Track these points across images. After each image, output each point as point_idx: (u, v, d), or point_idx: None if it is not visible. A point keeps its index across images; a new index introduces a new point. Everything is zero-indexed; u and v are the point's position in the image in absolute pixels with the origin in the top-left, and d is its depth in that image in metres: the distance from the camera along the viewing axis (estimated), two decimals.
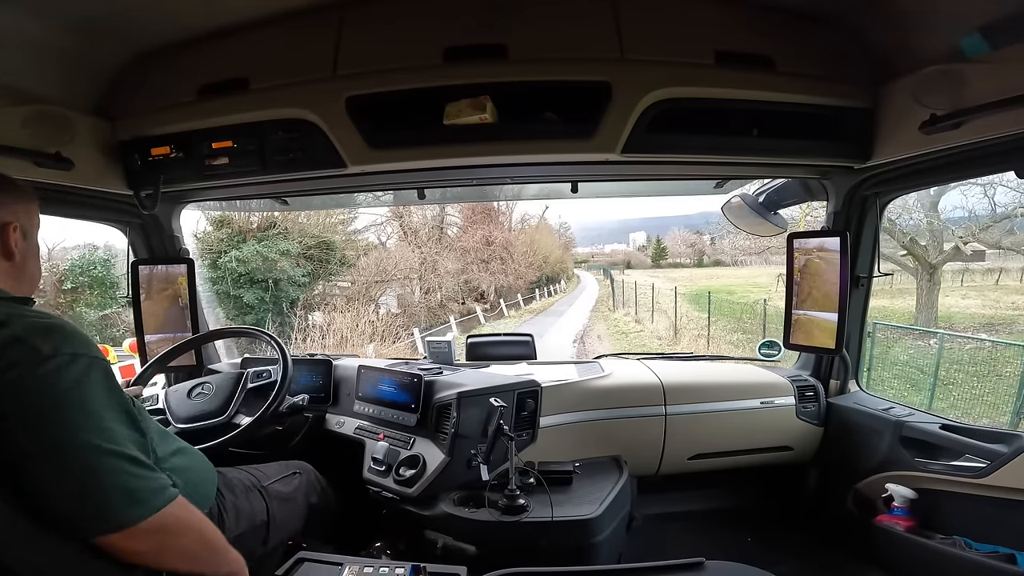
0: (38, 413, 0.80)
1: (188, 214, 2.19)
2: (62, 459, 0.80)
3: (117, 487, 0.82)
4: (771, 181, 2.13)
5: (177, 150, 1.61)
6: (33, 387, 0.81)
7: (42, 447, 0.80)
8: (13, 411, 0.79)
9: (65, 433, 0.81)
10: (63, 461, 0.80)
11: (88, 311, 10.77)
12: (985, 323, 12.56)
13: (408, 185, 1.91)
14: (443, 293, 18.77)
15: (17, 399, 0.80)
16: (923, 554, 1.64)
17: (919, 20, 1.31)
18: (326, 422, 2.04)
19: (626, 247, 59.52)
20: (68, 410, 0.82)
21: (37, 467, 0.79)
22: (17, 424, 0.79)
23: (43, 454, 0.79)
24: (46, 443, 0.80)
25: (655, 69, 1.41)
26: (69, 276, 10.86)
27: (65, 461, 0.80)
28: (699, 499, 2.27)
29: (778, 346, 2.20)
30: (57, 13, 1.29)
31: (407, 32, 1.45)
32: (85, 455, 0.81)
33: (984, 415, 6.60)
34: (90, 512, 0.81)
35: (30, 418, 0.80)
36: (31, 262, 1.03)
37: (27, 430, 0.80)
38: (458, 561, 1.28)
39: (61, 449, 0.80)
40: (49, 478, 0.79)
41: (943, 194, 10.69)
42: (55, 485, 0.80)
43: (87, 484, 0.81)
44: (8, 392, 0.79)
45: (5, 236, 0.96)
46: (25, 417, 0.80)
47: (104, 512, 0.81)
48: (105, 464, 0.82)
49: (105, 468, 0.82)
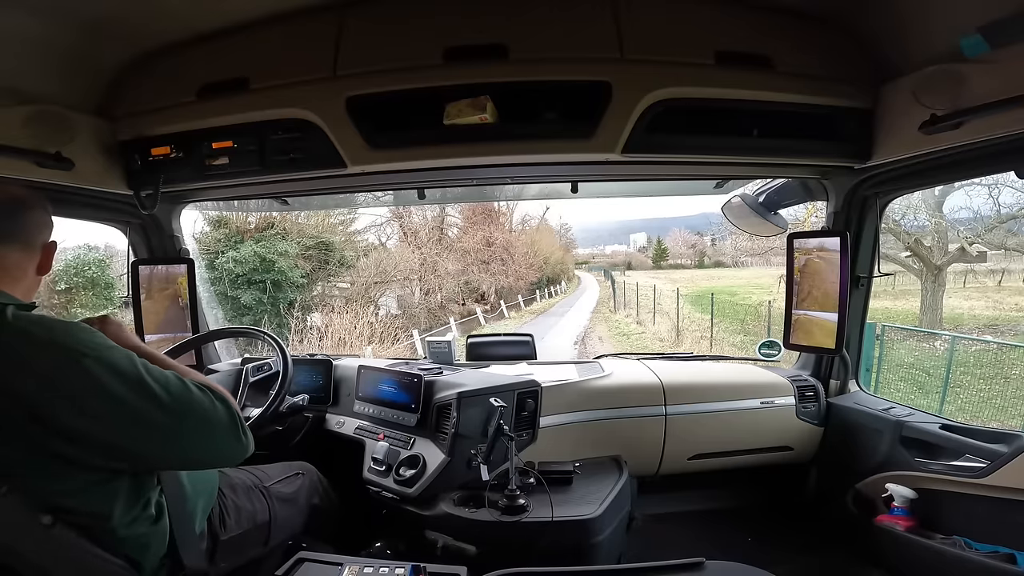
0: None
1: (186, 214, 2.20)
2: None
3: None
4: (771, 181, 2.13)
5: (177, 150, 1.61)
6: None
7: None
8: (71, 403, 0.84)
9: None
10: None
11: (83, 312, 10.75)
12: (989, 324, 12.54)
13: (408, 185, 1.91)
14: (443, 294, 18.76)
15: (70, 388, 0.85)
16: (923, 554, 1.63)
17: (919, 20, 1.31)
18: (326, 422, 2.04)
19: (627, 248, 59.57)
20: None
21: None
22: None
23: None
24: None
25: (655, 69, 1.41)
26: (63, 277, 10.85)
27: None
28: (699, 499, 2.27)
29: (778, 346, 2.20)
30: (57, 13, 1.29)
31: (407, 32, 1.45)
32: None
33: (993, 418, 6.54)
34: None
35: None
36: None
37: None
38: (458, 561, 1.28)
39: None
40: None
41: (948, 195, 10.68)
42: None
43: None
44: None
45: (50, 254, 1.03)
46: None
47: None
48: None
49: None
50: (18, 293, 0.96)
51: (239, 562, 1.23)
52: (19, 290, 0.97)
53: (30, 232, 1.00)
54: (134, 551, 0.96)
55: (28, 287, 1.01)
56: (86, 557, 0.88)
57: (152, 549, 0.99)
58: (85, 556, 0.88)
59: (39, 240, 1.01)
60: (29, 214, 1.00)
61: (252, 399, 1.79)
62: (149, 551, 0.99)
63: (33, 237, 1.00)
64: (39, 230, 1.02)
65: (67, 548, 0.86)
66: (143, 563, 0.97)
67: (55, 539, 0.85)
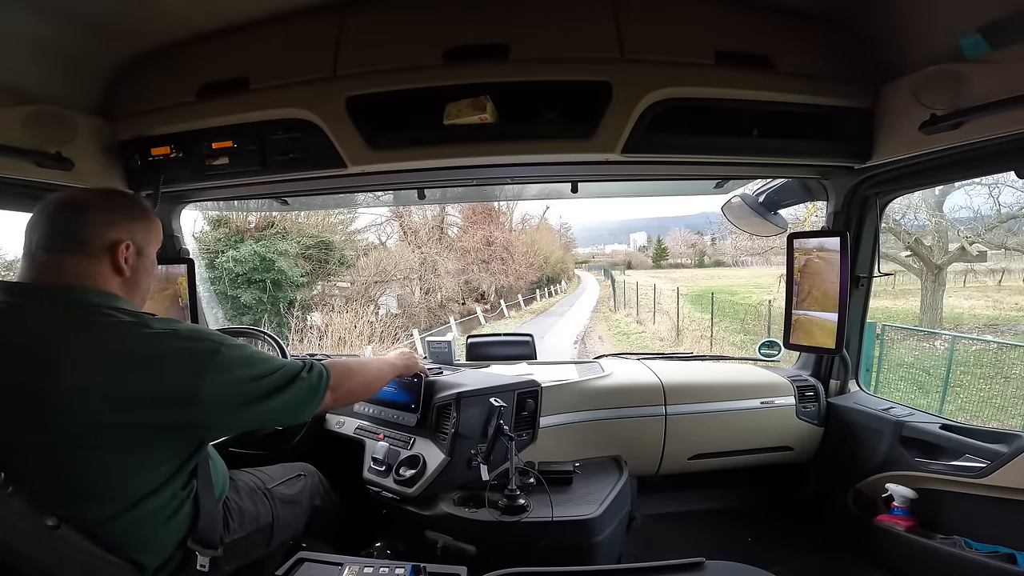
0: (238, 382, 1.00)
1: (186, 214, 2.19)
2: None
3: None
4: (771, 181, 2.13)
5: (177, 150, 1.61)
6: (228, 363, 1.00)
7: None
8: (225, 388, 0.98)
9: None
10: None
11: None
12: (989, 324, 12.53)
13: (408, 185, 1.90)
14: (443, 293, 18.76)
15: (222, 378, 0.97)
16: (923, 554, 1.63)
17: (919, 20, 1.31)
18: (326, 422, 2.04)
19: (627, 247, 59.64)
20: (258, 361, 1.06)
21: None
22: (227, 398, 0.99)
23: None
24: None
25: (655, 69, 1.41)
26: None
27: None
28: (699, 499, 2.27)
29: (778, 346, 2.20)
30: (57, 13, 1.29)
31: (407, 32, 1.45)
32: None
33: (993, 418, 6.54)
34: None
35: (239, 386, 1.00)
36: (144, 278, 1.11)
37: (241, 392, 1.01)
38: (458, 561, 1.28)
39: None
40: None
41: (948, 194, 10.68)
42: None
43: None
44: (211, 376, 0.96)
45: (115, 252, 1.02)
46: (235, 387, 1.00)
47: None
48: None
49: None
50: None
51: (241, 564, 1.24)
52: (114, 291, 1.02)
53: (83, 235, 1.00)
54: (140, 552, 0.96)
55: (119, 290, 1.03)
56: (89, 558, 0.88)
57: (159, 550, 0.99)
58: (88, 557, 0.88)
59: (100, 241, 1.01)
60: (80, 217, 1.00)
61: None
62: (156, 553, 0.99)
63: (89, 240, 1.00)
64: (95, 231, 1.01)
65: (71, 549, 0.86)
66: (148, 564, 0.97)
67: (59, 540, 0.85)
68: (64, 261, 0.98)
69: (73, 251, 0.99)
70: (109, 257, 1.02)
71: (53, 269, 0.97)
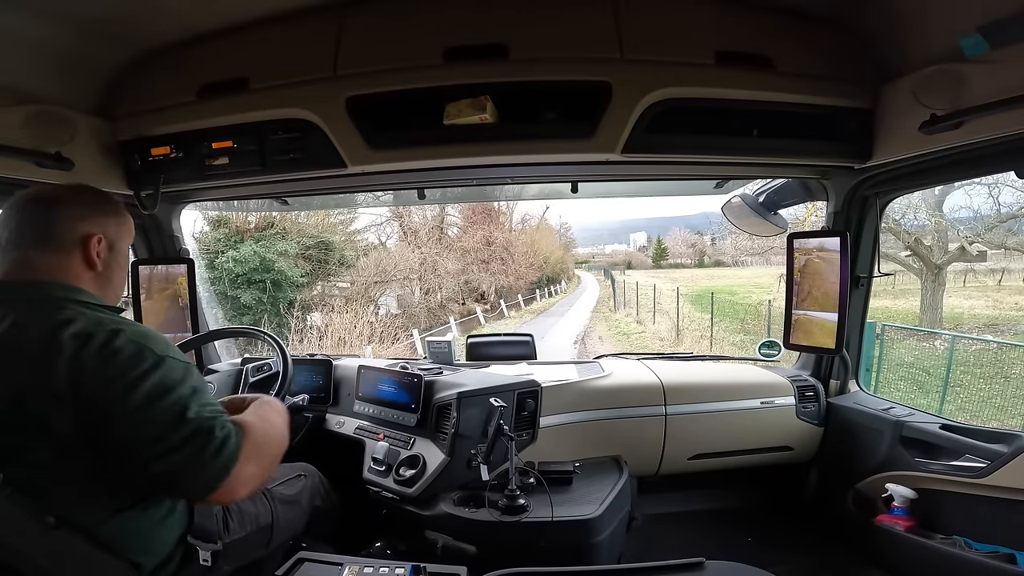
0: (151, 403, 0.87)
1: (186, 214, 2.20)
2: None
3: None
4: (771, 181, 2.13)
5: (177, 150, 1.61)
6: (151, 383, 0.88)
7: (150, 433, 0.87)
8: (128, 406, 0.86)
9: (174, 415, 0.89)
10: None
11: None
12: (989, 324, 12.53)
13: (408, 185, 1.91)
14: (443, 294, 18.76)
15: (137, 394, 0.87)
16: (923, 554, 1.63)
17: (919, 20, 1.31)
18: (326, 422, 2.04)
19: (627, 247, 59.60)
20: (177, 397, 0.90)
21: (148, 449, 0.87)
22: (129, 415, 0.86)
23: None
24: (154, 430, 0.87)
25: (655, 69, 1.41)
26: None
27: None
28: (699, 499, 2.27)
29: (778, 346, 2.20)
30: (57, 13, 1.29)
31: (407, 32, 1.45)
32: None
33: (993, 418, 6.53)
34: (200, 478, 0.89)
35: (147, 409, 0.87)
36: (117, 273, 1.08)
37: (143, 420, 0.87)
38: (458, 561, 1.28)
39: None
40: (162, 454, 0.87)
41: (947, 194, 10.67)
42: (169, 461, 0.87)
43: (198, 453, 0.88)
44: (129, 387, 0.87)
45: (87, 247, 1.00)
46: (142, 409, 0.87)
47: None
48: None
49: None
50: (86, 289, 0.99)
51: (241, 564, 1.24)
52: (83, 286, 0.99)
53: (54, 230, 0.98)
54: (138, 553, 0.96)
55: (91, 285, 1.01)
56: (88, 558, 0.88)
57: (156, 551, 0.99)
58: (87, 557, 0.88)
59: (71, 236, 0.99)
60: (51, 211, 0.99)
61: None
62: (153, 553, 0.99)
63: (59, 235, 0.98)
64: (70, 226, 0.99)
65: (70, 549, 0.86)
66: (145, 564, 0.97)
67: (58, 540, 0.85)
68: (35, 256, 0.96)
69: (44, 246, 0.97)
70: (80, 251, 1.00)
71: (24, 264, 0.96)
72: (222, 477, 0.90)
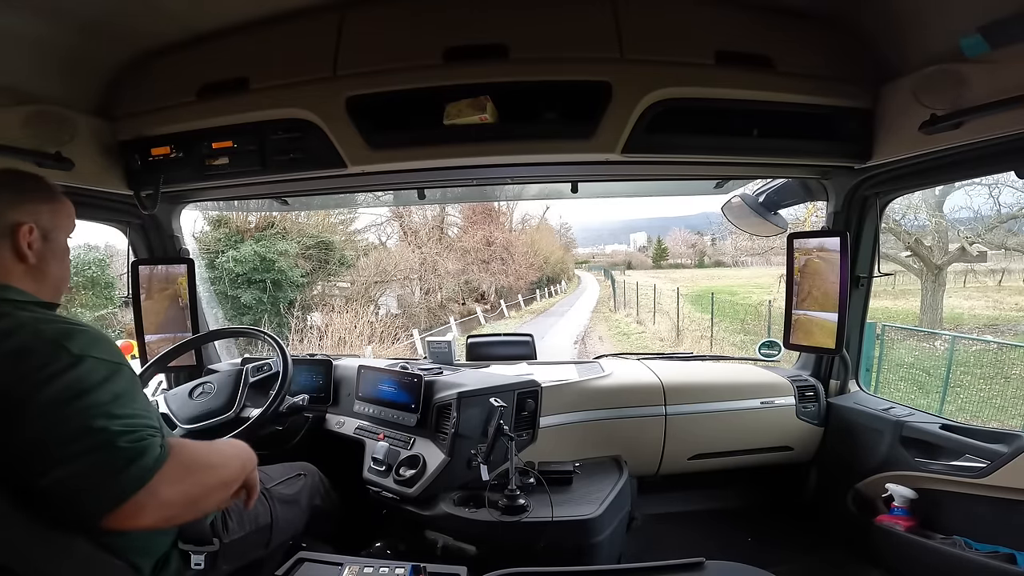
0: (57, 406, 0.79)
1: (186, 214, 2.20)
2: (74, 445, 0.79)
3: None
4: (771, 181, 2.13)
5: (177, 150, 1.61)
6: (60, 385, 0.80)
7: (59, 437, 0.79)
8: (40, 408, 0.79)
9: (83, 421, 0.80)
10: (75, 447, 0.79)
11: (84, 312, 10.76)
12: (989, 324, 12.53)
13: (408, 185, 1.91)
14: (443, 294, 18.76)
15: (43, 395, 0.79)
16: (923, 554, 1.63)
17: (919, 20, 1.31)
18: (326, 422, 2.04)
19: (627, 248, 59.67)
20: (89, 402, 0.81)
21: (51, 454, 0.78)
22: (38, 418, 0.79)
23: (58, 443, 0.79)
24: (64, 433, 0.79)
25: (655, 69, 1.41)
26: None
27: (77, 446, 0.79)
28: (699, 499, 2.27)
29: (778, 346, 2.20)
30: (57, 13, 1.29)
31: (407, 32, 1.45)
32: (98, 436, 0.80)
33: (993, 418, 6.53)
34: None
35: (51, 413, 0.79)
36: (53, 265, 0.99)
37: (48, 424, 0.79)
38: (458, 561, 1.28)
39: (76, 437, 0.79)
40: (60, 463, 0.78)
41: (948, 194, 10.67)
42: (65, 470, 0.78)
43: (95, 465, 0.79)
44: (34, 389, 0.79)
45: (16, 236, 0.93)
46: (47, 412, 0.79)
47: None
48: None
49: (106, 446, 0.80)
50: (16, 285, 0.91)
51: (240, 564, 1.24)
52: (12, 281, 0.92)
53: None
54: (136, 554, 0.96)
55: (18, 277, 0.93)
56: (88, 559, 0.88)
57: (154, 552, 0.99)
58: (88, 559, 0.88)
59: (2, 223, 0.92)
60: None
61: (252, 399, 1.80)
62: (151, 554, 0.99)
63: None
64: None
65: (69, 550, 0.86)
66: (143, 566, 0.97)
67: (58, 541, 0.85)
68: None
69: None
70: (9, 241, 0.93)
71: None
72: (127, 494, 0.78)
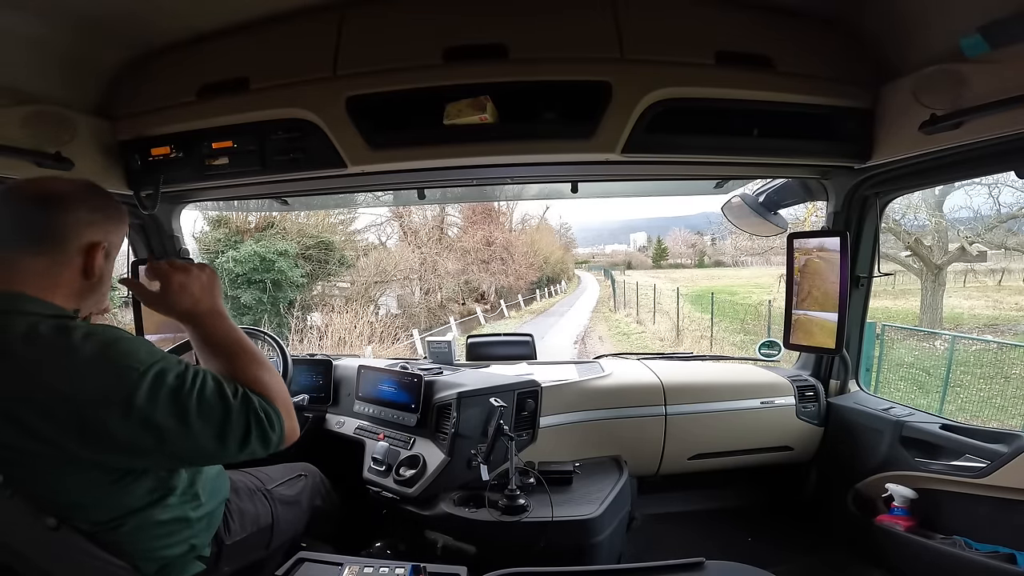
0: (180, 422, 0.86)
1: (186, 214, 2.20)
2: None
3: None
4: (771, 181, 2.13)
5: (177, 150, 1.61)
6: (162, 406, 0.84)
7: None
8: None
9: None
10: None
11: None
12: (989, 324, 12.53)
13: (408, 185, 1.90)
14: (443, 294, 18.76)
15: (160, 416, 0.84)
16: (923, 554, 1.63)
17: (919, 20, 1.31)
18: (326, 422, 2.04)
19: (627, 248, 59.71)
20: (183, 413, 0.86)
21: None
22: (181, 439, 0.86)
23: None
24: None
25: (655, 69, 1.41)
26: None
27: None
28: (699, 499, 2.27)
29: (778, 346, 2.20)
30: (57, 13, 1.29)
31: (407, 32, 1.45)
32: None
33: (993, 418, 6.53)
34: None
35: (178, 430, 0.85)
36: (105, 282, 0.99)
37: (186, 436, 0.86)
38: (458, 561, 1.28)
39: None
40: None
41: (947, 194, 10.67)
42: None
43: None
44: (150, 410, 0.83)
45: (92, 256, 0.93)
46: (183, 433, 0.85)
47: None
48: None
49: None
50: (58, 299, 0.89)
51: (241, 564, 1.23)
52: (59, 295, 0.90)
53: (60, 234, 0.90)
54: (137, 556, 0.96)
55: (71, 292, 0.92)
56: (90, 561, 0.88)
57: (157, 558, 0.99)
58: (89, 560, 0.88)
59: (77, 243, 0.91)
60: (60, 216, 0.90)
61: None
62: (155, 560, 0.99)
63: (65, 240, 0.90)
64: (75, 231, 0.91)
65: (71, 551, 0.86)
66: (144, 568, 0.97)
67: (59, 542, 0.85)
68: (27, 261, 0.88)
69: (42, 250, 0.89)
70: (81, 260, 0.92)
71: (6, 269, 0.87)
72: (283, 440, 0.99)
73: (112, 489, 0.89)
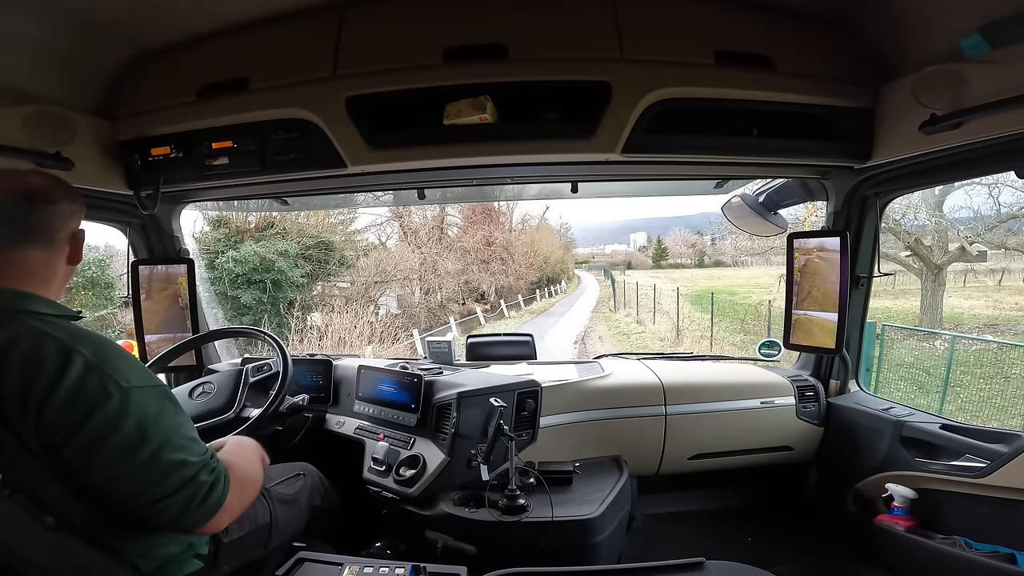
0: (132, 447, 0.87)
1: (186, 214, 2.20)
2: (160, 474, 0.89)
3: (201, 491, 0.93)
4: (771, 181, 2.13)
5: (177, 150, 1.61)
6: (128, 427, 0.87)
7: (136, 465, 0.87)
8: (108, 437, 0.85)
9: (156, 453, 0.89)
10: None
11: (84, 312, 10.73)
12: (989, 324, 12.52)
13: (408, 185, 1.91)
14: (443, 294, 18.75)
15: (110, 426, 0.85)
16: (923, 554, 1.63)
17: (919, 20, 1.31)
18: (326, 422, 2.04)
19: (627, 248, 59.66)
20: (156, 433, 0.89)
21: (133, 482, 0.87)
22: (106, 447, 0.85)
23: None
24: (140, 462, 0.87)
25: (655, 69, 1.41)
26: None
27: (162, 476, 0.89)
28: (699, 499, 2.27)
29: (778, 346, 2.20)
30: (57, 13, 1.29)
31: (407, 32, 1.45)
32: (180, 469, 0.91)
33: (993, 418, 6.52)
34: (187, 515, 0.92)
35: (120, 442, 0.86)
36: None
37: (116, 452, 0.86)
38: (458, 561, 1.28)
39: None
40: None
41: (947, 194, 10.67)
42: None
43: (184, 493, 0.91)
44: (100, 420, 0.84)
45: (77, 243, 0.99)
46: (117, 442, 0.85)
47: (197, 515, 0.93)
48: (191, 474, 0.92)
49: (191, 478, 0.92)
50: (51, 293, 0.95)
51: (240, 563, 1.23)
52: (52, 289, 0.95)
53: (53, 227, 0.95)
54: (135, 554, 0.96)
55: (60, 283, 0.98)
56: (88, 559, 0.88)
57: (157, 556, 0.99)
58: (86, 559, 0.88)
59: (64, 233, 0.97)
60: (49, 208, 0.94)
61: (252, 399, 1.80)
62: (155, 558, 0.99)
63: (57, 231, 0.95)
64: (63, 222, 0.96)
65: (69, 550, 0.86)
66: (143, 567, 0.97)
67: (58, 541, 0.85)
68: (26, 257, 0.92)
69: (39, 244, 0.93)
70: (69, 248, 0.98)
71: (7, 266, 0.91)
72: (210, 518, 0.94)
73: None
